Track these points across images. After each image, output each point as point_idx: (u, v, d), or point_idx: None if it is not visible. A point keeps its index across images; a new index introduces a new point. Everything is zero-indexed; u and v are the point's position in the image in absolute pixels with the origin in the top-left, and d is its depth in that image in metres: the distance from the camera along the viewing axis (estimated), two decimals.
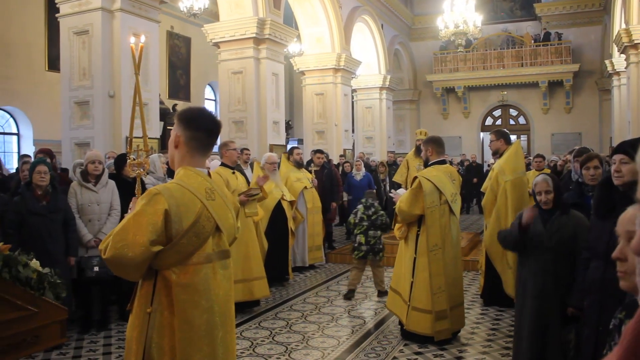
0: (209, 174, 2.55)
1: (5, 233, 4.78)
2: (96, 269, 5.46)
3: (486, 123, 24.83)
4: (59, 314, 2.72)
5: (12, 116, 14.99)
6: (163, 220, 2.27)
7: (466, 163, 18.48)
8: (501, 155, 6.20)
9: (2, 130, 14.94)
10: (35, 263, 2.63)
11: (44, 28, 14.80)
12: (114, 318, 6.08)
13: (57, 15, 9.36)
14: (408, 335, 5.25)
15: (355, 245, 6.94)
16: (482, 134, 24.64)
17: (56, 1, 9.31)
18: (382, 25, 20.37)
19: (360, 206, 7.06)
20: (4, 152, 14.47)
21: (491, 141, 6.38)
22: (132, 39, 2.63)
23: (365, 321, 5.99)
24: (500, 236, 4.21)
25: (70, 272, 5.46)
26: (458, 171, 7.43)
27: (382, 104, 20.62)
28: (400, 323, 5.39)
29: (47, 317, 2.66)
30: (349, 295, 7.04)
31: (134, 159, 2.63)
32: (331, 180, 9.98)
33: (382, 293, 6.99)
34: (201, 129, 2.50)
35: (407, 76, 24.94)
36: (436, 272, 5.04)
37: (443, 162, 5.37)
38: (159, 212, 2.26)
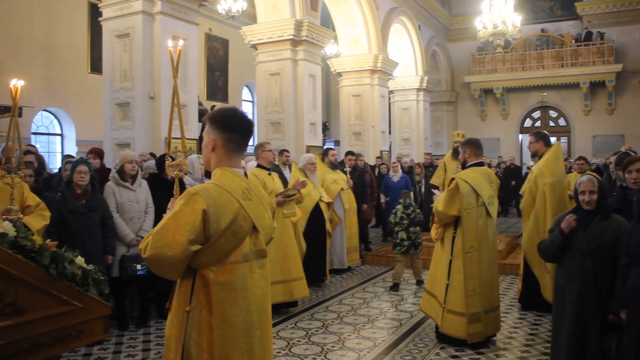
0: (245, 175, 2.57)
1: (48, 230, 4.91)
2: (138, 266, 5.56)
3: (525, 125, 24.45)
4: (102, 310, 2.79)
5: (56, 117, 15.38)
6: (201, 219, 2.30)
7: (504, 165, 18.22)
8: (540, 157, 6.10)
9: (46, 131, 15.33)
10: (80, 260, 2.70)
11: (87, 31, 15.15)
12: (153, 315, 6.18)
13: (99, 19, 9.59)
14: (443, 338, 5.21)
15: (398, 241, 7.55)
16: (520, 136, 24.27)
17: (99, 5, 9.54)
18: (419, 26, 20.25)
19: (399, 206, 7.64)
20: (48, 152, 14.86)
21: (530, 143, 6.28)
22: (170, 43, 2.67)
23: (401, 323, 5.97)
24: (541, 247, 4.11)
25: (109, 270, 5.58)
26: (496, 173, 7.36)
27: (419, 106, 20.50)
28: (436, 326, 5.35)
29: (90, 312, 2.72)
30: (395, 288, 7.52)
31: (173, 160, 2.66)
32: (362, 182, 9.99)
33: (420, 282, 7.63)
34: (238, 131, 2.53)
35: (444, 77, 24.75)
36: (471, 275, 5.00)
37: (481, 164, 5.31)
38: (197, 212, 2.29)
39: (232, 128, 2.51)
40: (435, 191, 5.62)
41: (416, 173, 12.96)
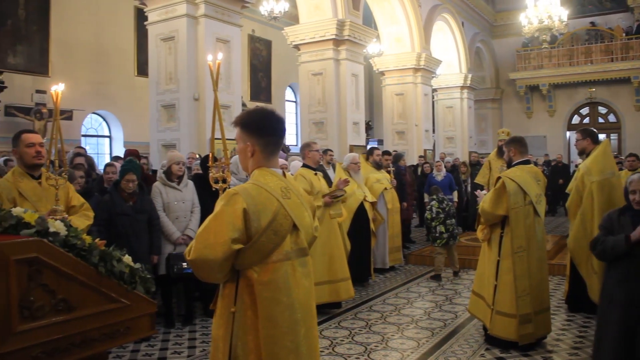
0: (284, 174, 2.59)
1: (97, 230, 5.03)
2: (185, 264, 5.65)
3: (573, 122, 23.85)
4: (148, 307, 2.84)
5: (104, 119, 15.77)
6: (242, 219, 2.32)
7: (552, 163, 17.83)
8: (588, 155, 5.95)
9: (95, 133, 15.74)
10: (127, 258, 2.76)
11: (134, 35, 15.49)
12: (198, 313, 6.28)
13: (145, 23, 9.79)
14: (492, 340, 5.12)
15: (437, 235, 8.02)
16: (568, 133, 23.70)
17: (145, 10, 9.74)
18: (462, 23, 19.99)
19: (433, 202, 8.14)
20: (97, 153, 15.25)
21: (577, 140, 6.13)
22: (210, 57, 2.70)
23: (445, 324, 5.90)
24: (597, 250, 3.93)
25: (156, 268, 5.69)
26: (543, 172, 7.20)
27: (463, 104, 20.25)
28: (484, 327, 5.27)
29: (138, 310, 2.78)
30: (437, 279, 7.97)
31: (215, 171, 2.69)
32: (400, 181, 9.94)
33: (456, 272, 8.25)
34: (274, 134, 2.55)
35: (488, 74, 24.37)
36: (521, 275, 4.90)
37: (527, 162, 5.21)
38: (238, 212, 2.32)
39: (268, 132, 2.52)
40: (478, 192, 5.53)
41: (461, 172, 12.80)
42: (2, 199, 3.56)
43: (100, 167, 9.63)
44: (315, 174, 6.45)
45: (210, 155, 2.76)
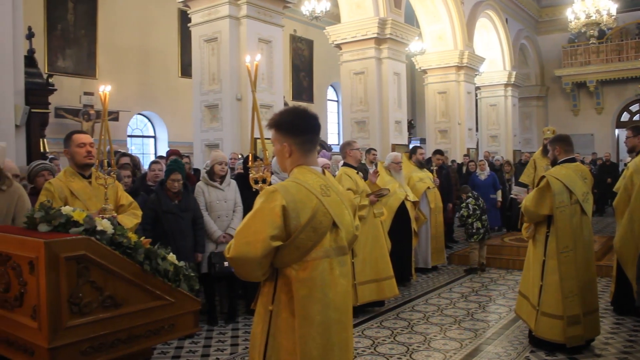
0: (323, 172, 2.59)
1: (143, 229, 5.13)
2: (226, 263, 5.72)
3: (622, 119, 23.21)
4: (192, 305, 2.88)
5: (149, 120, 16.09)
6: (282, 216, 2.33)
7: (599, 162, 17.36)
8: (638, 152, 5.78)
9: (140, 133, 16.07)
10: (172, 257, 2.81)
11: (177, 37, 15.76)
12: (241, 312, 6.34)
13: (189, 25, 9.94)
14: (537, 342, 5.02)
15: (474, 231, 8.31)
16: (617, 131, 23.06)
17: (188, 12, 9.89)
18: (506, 20, 19.66)
19: (470, 199, 8.42)
20: (142, 153, 15.56)
21: (627, 138, 5.95)
22: (248, 59, 2.72)
23: (489, 325, 5.82)
24: None
25: (199, 267, 5.77)
26: (590, 170, 7.03)
27: (507, 102, 19.92)
28: (529, 329, 5.17)
29: (182, 307, 2.82)
30: (472, 271, 8.34)
31: (255, 171, 2.71)
32: (448, 181, 9.83)
33: (483, 266, 8.53)
34: (310, 131, 2.54)
35: (533, 71, 23.90)
36: (567, 275, 4.78)
37: (572, 160, 5.09)
38: (277, 209, 2.32)
39: (303, 130, 2.52)
40: (515, 194, 5.42)
41: (505, 171, 12.59)
42: (55, 197, 3.67)
43: (146, 167, 9.81)
44: (358, 172, 6.43)
45: (250, 156, 2.78)
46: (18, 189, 4.50)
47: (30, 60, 7.92)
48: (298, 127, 2.52)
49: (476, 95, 18.97)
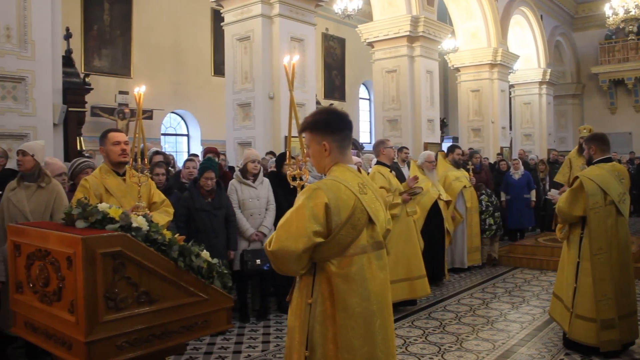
0: (359, 170, 2.64)
1: (176, 226, 5.19)
2: (258, 261, 5.76)
3: None
4: (225, 301, 2.91)
5: (182, 118, 16.27)
6: (324, 213, 2.40)
7: (637, 161, 16.95)
8: None
9: (174, 132, 16.26)
10: (205, 254, 2.84)
11: (210, 37, 15.89)
12: (272, 309, 6.37)
13: (221, 24, 10.02)
14: (571, 345, 4.93)
15: (486, 227, 8.65)
16: None
17: (221, 11, 9.97)
18: (541, 16, 19.34)
19: (483, 196, 8.71)
20: (176, 151, 15.74)
21: None
22: (286, 59, 2.74)
23: (522, 326, 5.74)
24: None
25: (231, 264, 5.81)
26: (628, 170, 6.87)
27: (541, 100, 19.60)
28: (564, 331, 5.08)
29: (215, 304, 2.85)
30: (481, 267, 8.73)
31: (292, 169, 2.73)
32: (483, 181, 9.73)
33: (494, 260, 8.93)
34: (345, 128, 2.61)
35: (569, 69, 23.44)
36: (600, 278, 4.68)
37: (608, 159, 4.97)
38: (320, 206, 2.40)
39: (340, 128, 2.59)
40: (550, 195, 5.33)
41: (540, 170, 12.39)
42: (90, 194, 3.73)
43: (179, 165, 9.92)
44: (391, 171, 6.41)
45: (288, 154, 2.80)
46: (56, 186, 4.61)
47: (67, 60, 8.07)
48: (334, 125, 2.58)
49: (510, 94, 18.71)
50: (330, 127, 2.57)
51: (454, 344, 5.21)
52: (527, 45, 19.16)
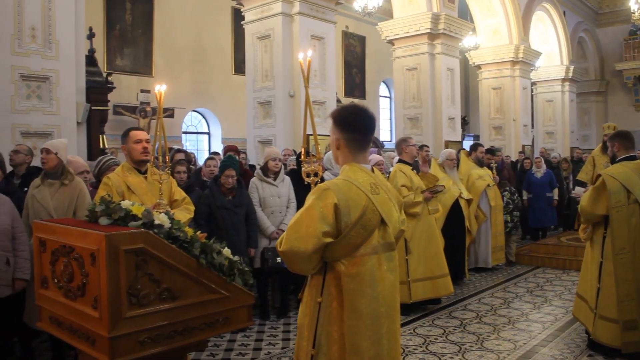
0: (372, 170, 2.64)
1: (197, 224, 5.23)
2: (279, 259, 5.77)
3: None
4: (246, 299, 2.92)
5: (203, 117, 16.36)
6: (334, 213, 2.40)
7: None
8: None
9: (195, 130, 16.36)
10: (227, 251, 2.85)
11: (231, 35, 15.96)
12: (293, 307, 6.38)
13: (242, 22, 10.06)
14: (595, 346, 4.86)
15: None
16: None
17: (241, 10, 10.01)
18: (564, 12, 19.10)
19: (506, 193, 8.70)
20: (197, 149, 15.84)
21: None
22: (301, 55, 2.75)
23: (544, 326, 5.68)
24: None
25: (252, 261, 5.84)
26: None
27: (564, 97, 19.39)
28: (587, 332, 5.01)
29: (236, 301, 2.86)
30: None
31: (307, 165, 2.74)
32: (505, 179, 9.66)
33: (512, 262, 8.86)
34: (358, 131, 2.59)
35: (592, 66, 23.12)
36: (623, 278, 4.61)
37: (632, 157, 4.89)
38: (329, 206, 2.40)
39: (353, 128, 2.58)
40: (574, 193, 5.25)
41: (563, 169, 12.26)
42: (113, 192, 3.77)
43: (200, 163, 9.97)
44: (413, 169, 6.39)
45: (303, 150, 2.81)
46: (79, 183, 4.67)
47: (90, 59, 8.19)
48: (348, 124, 2.58)
49: (532, 91, 18.53)
50: (345, 125, 2.58)
51: (474, 343, 5.19)
52: (550, 41, 18.96)
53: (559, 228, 11.96)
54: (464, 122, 21.04)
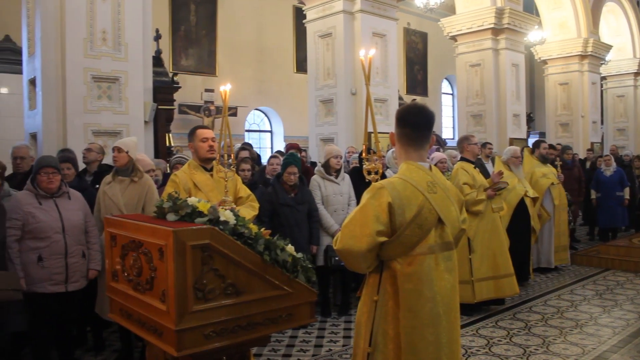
0: (430, 168, 2.60)
1: (260, 221, 5.30)
2: None
3: None
4: (309, 296, 2.94)
5: (266, 115, 16.57)
6: (387, 212, 2.39)
7: None
8: None
9: (257, 128, 16.58)
10: (290, 248, 2.88)
11: (293, 34, 16.10)
12: (354, 304, 6.37)
13: (304, 21, 10.13)
14: None
15: None
16: None
17: (303, 9, 10.08)
18: (637, 3, 18.30)
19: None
20: (260, 147, 16.05)
21: None
22: (362, 52, 2.75)
23: (615, 331, 5.46)
24: None
25: (315, 259, 5.87)
26: None
27: (637, 92, 18.60)
28: None
29: (299, 298, 2.89)
30: None
31: (369, 163, 2.75)
32: (575, 177, 9.38)
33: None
34: (407, 125, 2.58)
35: None
36: None
37: None
38: (383, 205, 2.39)
39: (402, 123, 2.59)
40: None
41: (635, 167, 11.76)
42: (180, 189, 3.87)
43: (263, 162, 10.11)
44: (475, 167, 6.27)
45: (364, 148, 2.81)
46: (147, 181, 4.82)
47: (157, 60, 8.42)
48: (401, 120, 2.61)
49: (601, 86, 17.87)
50: (400, 120, 2.60)
51: (540, 346, 5.05)
52: (621, 34, 18.22)
53: (631, 229, 11.48)
54: (529, 119, 20.50)
